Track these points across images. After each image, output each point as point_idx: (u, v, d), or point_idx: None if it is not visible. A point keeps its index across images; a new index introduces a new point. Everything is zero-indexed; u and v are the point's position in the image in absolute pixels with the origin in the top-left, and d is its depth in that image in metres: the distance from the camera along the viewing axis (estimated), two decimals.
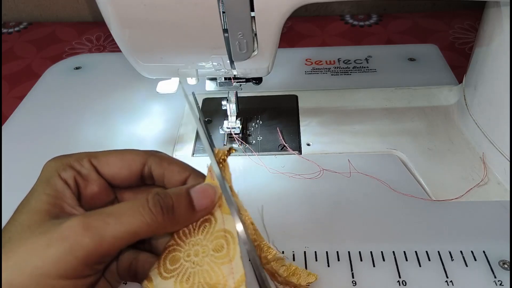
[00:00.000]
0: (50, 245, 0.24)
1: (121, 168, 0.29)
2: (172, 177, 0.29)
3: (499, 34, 0.42)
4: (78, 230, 0.24)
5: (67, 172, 0.28)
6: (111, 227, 0.24)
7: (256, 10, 0.34)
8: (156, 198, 0.26)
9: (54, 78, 0.65)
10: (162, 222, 0.25)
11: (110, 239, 0.24)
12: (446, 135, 0.50)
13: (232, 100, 0.49)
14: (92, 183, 0.29)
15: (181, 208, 0.26)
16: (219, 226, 0.27)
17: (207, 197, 0.27)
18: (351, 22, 0.78)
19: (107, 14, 0.35)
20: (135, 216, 0.25)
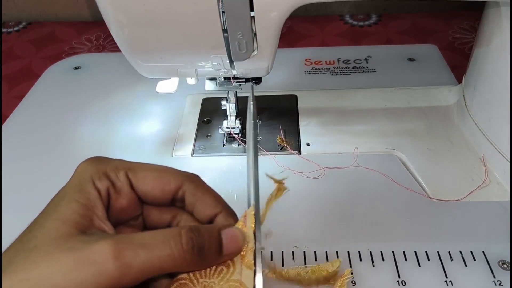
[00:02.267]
0: (76, 267, 0.23)
1: (156, 187, 0.28)
2: (203, 209, 0.29)
3: (499, 34, 0.42)
4: (107, 257, 0.23)
5: (102, 182, 0.27)
6: (140, 259, 0.24)
7: (256, 10, 0.34)
8: (189, 236, 0.25)
9: (53, 78, 0.65)
10: (190, 261, 0.25)
11: (137, 270, 0.24)
12: (445, 135, 0.50)
13: (231, 100, 0.49)
14: (123, 197, 0.28)
15: (211, 250, 0.26)
16: (236, 276, 0.26)
17: (236, 243, 0.27)
18: (351, 22, 0.78)
19: (107, 14, 0.35)
20: (165, 250, 0.24)
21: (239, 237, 0.27)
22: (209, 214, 0.29)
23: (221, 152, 0.49)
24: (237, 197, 0.45)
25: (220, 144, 0.50)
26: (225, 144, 0.50)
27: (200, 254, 0.25)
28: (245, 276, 0.26)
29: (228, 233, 0.26)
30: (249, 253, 0.27)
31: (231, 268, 0.26)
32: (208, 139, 0.51)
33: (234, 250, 0.27)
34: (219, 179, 0.46)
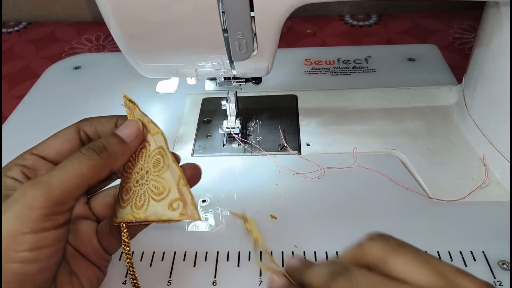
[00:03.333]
0: (6, 210, 0.25)
1: (61, 144, 0.31)
2: (104, 129, 0.32)
3: (499, 34, 0.42)
4: (27, 189, 0.25)
5: (12, 170, 0.30)
6: (56, 177, 0.26)
7: (256, 10, 0.34)
8: (87, 147, 0.29)
9: (53, 77, 0.65)
10: (100, 161, 0.28)
11: (58, 185, 0.26)
12: (445, 135, 0.50)
13: (231, 100, 0.49)
14: (40, 169, 0.31)
15: (113, 145, 0.29)
16: (152, 147, 0.30)
17: (132, 127, 0.31)
18: (351, 22, 0.78)
19: (107, 14, 0.35)
20: (74, 162, 0.27)
21: (131, 122, 0.31)
22: (110, 127, 0.32)
23: (221, 152, 0.49)
24: (237, 197, 0.45)
25: (220, 144, 0.50)
26: (225, 144, 0.50)
27: (105, 152, 0.29)
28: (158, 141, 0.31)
29: (122, 126, 0.31)
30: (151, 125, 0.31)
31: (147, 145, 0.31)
32: (208, 139, 0.51)
33: (136, 132, 0.31)
34: (219, 179, 0.46)
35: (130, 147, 0.30)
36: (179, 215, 0.29)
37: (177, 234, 0.41)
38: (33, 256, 0.25)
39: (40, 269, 0.26)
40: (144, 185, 0.30)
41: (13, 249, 0.24)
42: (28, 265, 0.25)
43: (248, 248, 0.39)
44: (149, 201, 0.30)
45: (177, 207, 0.29)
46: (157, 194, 0.29)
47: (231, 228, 0.41)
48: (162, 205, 0.29)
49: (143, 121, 0.31)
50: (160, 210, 0.29)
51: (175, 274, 0.37)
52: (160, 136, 0.31)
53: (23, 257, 0.25)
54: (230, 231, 0.41)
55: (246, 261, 0.38)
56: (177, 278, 0.37)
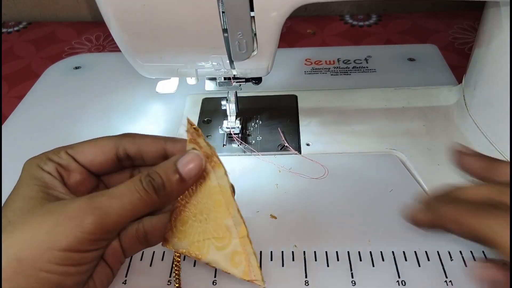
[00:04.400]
0: (59, 224, 0.25)
1: (96, 154, 0.31)
2: (148, 150, 0.31)
3: (499, 34, 0.42)
4: (86, 209, 0.26)
5: (48, 165, 0.29)
6: (114, 206, 0.26)
7: (256, 10, 0.34)
8: (147, 179, 0.28)
9: (53, 77, 0.65)
10: (157, 200, 0.28)
11: (114, 217, 0.26)
12: (445, 135, 0.50)
13: (231, 100, 0.49)
14: (73, 171, 0.30)
15: (172, 183, 0.28)
16: (213, 182, 0.29)
17: (194, 164, 0.29)
18: (351, 22, 0.78)
19: (107, 14, 0.35)
20: (134, 196, 0.27)
21: (195, 157, 0.29)
22: (155, 150, 0.31)
23: (221, 152, 0.49)
24: (237, 197, 0.45)
25: (220, 144, 0.50)
26: (225, 144, 0.50)
27: (163, 191, 0.28)
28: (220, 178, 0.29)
29: (184, 160, 0.28)
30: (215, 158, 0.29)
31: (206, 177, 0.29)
32: (208, 139, 0.51)
33: (197, 171, 0.29)
34: None
35: (188, 185, 0.29)
36: (243, 273, 0.28)
37: None
38: (74, 271, 0.26)
39: (76, 282, 0.27)
40: (203, 223, 0.29)
41: (58, 262, 0.25)
42: (67, 278, 0.26)
43: None
44: (210, 246, 0.29)
45: (239, 263, 0.28)
46: (218, 239, 0.29)
47: None
48: (223, 256, 0.29)
49: (207, 152, 0.29)
50: (221, 262, 0.29)
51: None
52: (222, 173, 0.29)
53: (65, 271, 0.26)
54: None
55: None
56: None
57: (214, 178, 0.29)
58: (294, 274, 0.37)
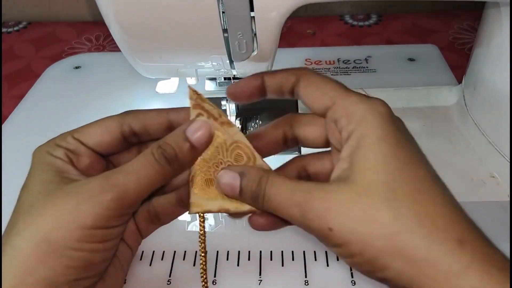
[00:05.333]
0: (81, 203, 0.26)
1: (102, 134, 0.31)
2: (153, 123, 0.31)
3: (499, 35, 0.42)
4: (104, 187, 0.26)
5: (57, 151, 0.30)
6: (131, 181, 0.27)
7: (256, 10, 0.34)
8: (159, 151, 0.28)
9: (53, 77, 0.65)
10: (171, 170, 0.28)
11: (132, 192, 0.27)
12: (445, 136, 0.50)
13: (231, 100, 0.49)
14: (82, 155, 0.30)
15: (184, 152, 0.28)
16: (228, 140, 0.29)
17: (203, 130, 0.29)
18: (351, 22, 0.78)
19: (107, 13, 0.35)
20: (149, 169, 0.27)
21: (202, 124, 0.29)
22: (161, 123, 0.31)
23: None
24: None
25: None
26: None
27: (176, 160, 0.28)
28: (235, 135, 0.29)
29: (192, 128, 0.28)
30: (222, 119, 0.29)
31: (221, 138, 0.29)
32: None
33: (205, 138, 0.29)
34: None
35: (199, 152, 0.29)
36: None
37: (177, 234, 0.41)
38: (102, 247, 0.27)
39: (104, 258, 0.28)
40: None
41: (85, 239, 0.26)
42: (96, 254, 0.27)
43: (248, 248, 0.39)
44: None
45: None
46: None
47: (231, 228, 0.41)
48: None
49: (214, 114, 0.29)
50: None
51: (174, 274, 0.37)
52: (235, 130, 0.29)
53: (94, 247, 0.26)
54: (230, 230, 0.41)
55: (246, 260, 0.38)
56: (177, 277, 0.37)
57: (229, 136, 0.29)
58: (293, 274, 0.37)
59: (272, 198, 0.26)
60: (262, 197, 0.27)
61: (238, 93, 0.31)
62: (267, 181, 0.27)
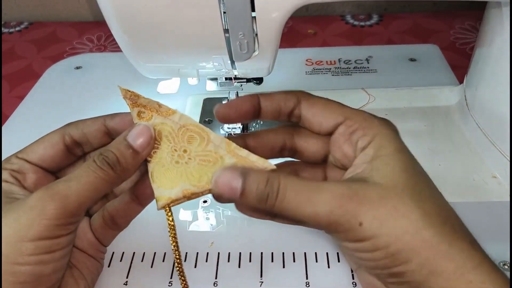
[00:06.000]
0: (21, 216, 0.26)
1: (45, 149, 0.31)
2: (91, 130, 0.32)
3: (500, 35, 0.42)
4: (45, 197, 0.26)
5: (4, 174, 0.30)
6: (73, 188, 0.27)
7: (257, 10, 0.34)
8: (101, 158, 0.28)
9: (54, 77, 0.65)
10: (115, 175, 0.28)
11: (74, 198, 0.26)
12: (446, 136, 0.50)
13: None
14: (28, 172, 0.31)
15: (127, 157, 0.28)
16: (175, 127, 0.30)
17: (144, 135, 0.29)
18: (352, 22, 0.78)
19: (108, 14, 0.35)
20: (90, 176, 0.27)
21: (143, 129, 0.29)
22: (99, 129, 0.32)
23: None
24: None
25: None
26: None
27: (118, 166, 0.28)
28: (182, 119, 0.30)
29: (133, 134, 0.29)
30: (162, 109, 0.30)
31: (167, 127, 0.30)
32: None
33: (147, 142, 0.29)
34: None
35: (143, 156, 0.29)
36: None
37: (178, 235, 0.41)
38: (48, 258, 0.27)
39: (54, 269, 0.27)
40: (191, 163, 0.29)
41: (29, 252, 0.26)
42: (44, 266, 0.26)
43: (249, 249, 0.39)
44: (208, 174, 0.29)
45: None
46: (213, 166, 0.29)
47: (232, 229, 0.41)
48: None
49: (154, 106, 0.30)
50: None
51: (176, 275, 0.37)
52: (179, 115, 0.30)
53: (40, 259, 0.26)
54: (231, 231, 0.41)
55: (247, 262, 0.38)
56: (178, 279, 0.37)
57: (174, 123, 0.30)
58: (294, 275, 0.37)
59: (291, 198, 0.26)
60: (275, 197, 0.27)
61: (230, 114, 0.31)
62: (280, 181, 0.27)
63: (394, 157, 0.28)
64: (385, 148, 0.28)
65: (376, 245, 0.26)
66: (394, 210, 0.25)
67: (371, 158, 0.28)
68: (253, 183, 0.27)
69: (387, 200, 0.26)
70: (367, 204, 0.26)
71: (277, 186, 0.27)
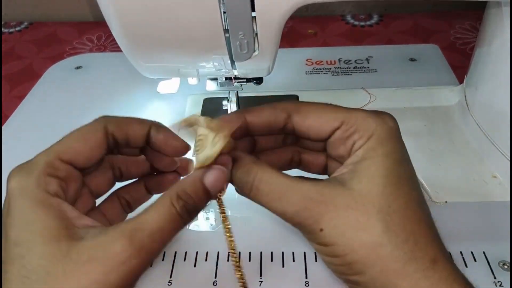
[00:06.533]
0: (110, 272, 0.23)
1: (90, 151, 0.28)
2: (136, 135, 0.30)
3: (500, 35, 0.42)
4: (131, 252, 0.24)
5: (52, 185, 0.26)
6: (156, 242, 0.25)
7: (257, 10, 0.34)
8: (181, 204, 0.26)
9: (54, 77, 0.65)
10: (189, 218, 0.26)
11: (156, 251, 0.25)
12: (447, 136, 0.50)
13: (233, 100, 0.49)
14: (71, 182, 0.27)
15: (201, 201, 0.27)
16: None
17: (221, 180, 0.28)
18: (352, 22, 0.78)
19: (108, 13, 0.35)
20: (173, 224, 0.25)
21: (220, 174, 0.28)
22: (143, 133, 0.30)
23: None
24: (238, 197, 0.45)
25: None
26: None
27: (195, 211, 0.27)
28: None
29: (210, 177, 0.27)
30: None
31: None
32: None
33: (221, 186, 0.28)
34: None
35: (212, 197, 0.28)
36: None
37: (178, 234, 0.41)
38: None
39: None
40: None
41: None
42: None
43: (249, 248, 0.39)
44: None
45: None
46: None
47: (232, 228, 0.41)
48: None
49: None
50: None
51: (175, 274, 0.37)
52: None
53: None
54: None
55: (246, 261, 0.38)
56: (178, 278, 0.37)
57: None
58: (294, 274, 0.37)
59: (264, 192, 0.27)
60: (249, 188, 0.27)
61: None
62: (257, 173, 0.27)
63: (378, 162, 0.27)
64: (374, 151, 0.27)
65: (335, 252, 0.26)
66: (356, 222, 0.25)
67: (358, 159, 0.28)
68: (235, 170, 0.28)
69: (352, 211, 0.25)
70: (331, 212, 0.26)
71: (252, 178, 0.27)
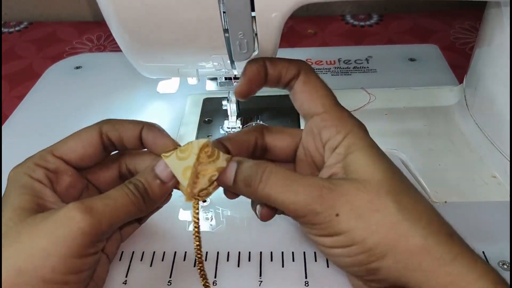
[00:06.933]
0: (57, 229, 0.25)
1: (84, 148, 0.31)
2: (128, 135, 0.31)
3: (500, 35, 0.42)
4: (82, 211, 0.26)
5: (37, 172, 0.29)
6: (109, 207, 0.27)
7: (257, 10, 0.34)
8: (133, 183, 0.29)
9: (54, 77, 0.65)
10: (143, 205, 0.29)
11: (109, 217, 0.27)
12: (446, 136, 0.50)
13: (232, 100, 0.49)
14: (63, 174, 0.30)
15: (155, 188, 0.29)
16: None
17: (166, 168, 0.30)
18: (352, 22, 0.78)
19: (108, 13, 0.35)
20: (125, 198, 0.28)
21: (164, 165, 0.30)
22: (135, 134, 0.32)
23: None
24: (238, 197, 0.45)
25: None
26: None
27: (148, 197, 0.29)
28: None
29: (161, 165, 0.30)
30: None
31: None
32: (209, 139, 0.51)
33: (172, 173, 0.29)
34: None
35: (170, 186, 0.30)
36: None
37: (178, 234, 0.41)
38: (75, 279, 0.26)
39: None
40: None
41: (58, 270, 0.25)
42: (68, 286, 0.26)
43: (248, 248, 0.39)
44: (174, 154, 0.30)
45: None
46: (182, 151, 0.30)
47: (231, 228, 0.41)
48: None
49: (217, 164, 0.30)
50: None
51: (175, 274, 0.37)
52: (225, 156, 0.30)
53: (66, 280, 0.26)
54: (231, 231, 0.41)
55: (246, 261, 0.38)
56: (178, 278, 0.37)
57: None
58: (293, 274, 0.37)
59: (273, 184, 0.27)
60: (258, 182, 0.27)
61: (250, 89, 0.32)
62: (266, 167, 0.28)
63: (366, 152, 0.28)
64: (355, 145, 0.29)
65: (352, 239, 0.26)
66: (370, 203, 0.26)
67: (343, 156, 0.28)
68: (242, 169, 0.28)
69: (363, 194, 0.26)
70: (345, 195, 0.26)
71: (262, 170, 0.27)
